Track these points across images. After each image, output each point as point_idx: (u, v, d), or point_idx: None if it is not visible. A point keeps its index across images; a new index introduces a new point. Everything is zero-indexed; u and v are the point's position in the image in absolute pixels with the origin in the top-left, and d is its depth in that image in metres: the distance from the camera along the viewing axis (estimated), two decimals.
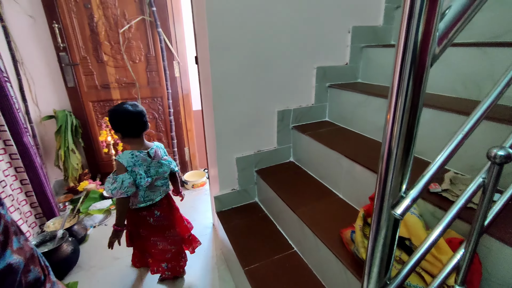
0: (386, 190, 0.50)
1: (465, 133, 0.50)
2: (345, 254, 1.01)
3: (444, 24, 0.42)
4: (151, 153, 1.32)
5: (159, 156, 1.36)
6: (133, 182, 1.25)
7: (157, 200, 1.39)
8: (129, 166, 1.25)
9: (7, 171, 1.64)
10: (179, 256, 1.54)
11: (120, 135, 1.29)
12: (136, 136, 1.31)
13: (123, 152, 1.27)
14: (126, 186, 1.21)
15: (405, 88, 0.42)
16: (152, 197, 1.37)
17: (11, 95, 1.68)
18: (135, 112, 1.26)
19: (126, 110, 1.25)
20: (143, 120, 1.30)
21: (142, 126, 1.30)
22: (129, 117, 1.25)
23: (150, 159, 1.31)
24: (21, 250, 0.58)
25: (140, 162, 1.28)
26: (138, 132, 1.30)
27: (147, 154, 1.31)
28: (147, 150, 1.32)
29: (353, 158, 1.25)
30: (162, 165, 1.37)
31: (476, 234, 0.58)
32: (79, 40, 2.27)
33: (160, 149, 1.39)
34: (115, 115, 1.26)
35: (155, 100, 2.60)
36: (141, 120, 1.29)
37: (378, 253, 0.55)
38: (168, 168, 1.39)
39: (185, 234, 1.51)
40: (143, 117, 1.30)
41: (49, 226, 1.84)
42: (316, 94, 1.72)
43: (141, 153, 1.29)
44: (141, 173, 1.27)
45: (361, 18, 1.69)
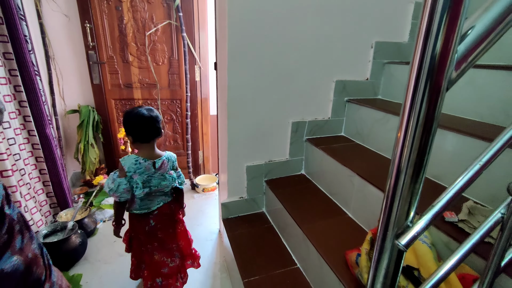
0: (391, 218, 0.47)
1: (483, 163, 0.46)
2: (348, 278, 0.96)
3: (464, 46, 0.39)
4: (157, 164, 1.25)
5: (165, 169, 1.29)
6: (129, 188, 1.20)
7: (153, 208, 1.31)
8: (129, 172, 1.20)
9: (28, 160, 1.72)
10: (177, 274, 1.42)
11: (131, 138, 1.23)
12: (146, 142, 1.23)
13: (128, 156, 1.23)
14: (121, 191, 1.18)
15: (417, 113, 0.39)
16: (149, 205, 1.30)
17: (40, 88, 1.77)
18: (148, 117, 1.20)
19: (139, 113, 1.19)
20: (156, 126, 1.22)
21: (153, 132, 1.23)
22: (141, 121, 1.19)
23: (154, 170, 1.25)
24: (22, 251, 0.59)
25: (142, 171, 1.22)
26: (149, 138, 1.23)
27: (152, 164, 1.24)
28: (154, 159, 1.25)
29: (366, 177, 1.20)
30: (165, 179, 1.29)
31: (491, 274, 0.54)
32: (108, 40, 2.37)
33: (169, 161, 1.31)
34: (128, 118, 1.21)
35: (174, 102, 2.65)
36: (153, 126, 1.22)
37: (378, 284, 0.52)
38: (170, 184, 1.31)
39: (189, 249, 1.46)
40: (156, 123, 1.22)
41: (62, 217, 1.89)
42: (333, 108, 1.69)
43: (146, 162, 1.22)
44: (138, 183, 1.21)
45: (386, 34, 1.65)
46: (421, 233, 0.45)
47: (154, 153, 1.27)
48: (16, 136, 1.60)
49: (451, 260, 0.54)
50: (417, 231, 0.45)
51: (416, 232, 0.45)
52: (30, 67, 1.68)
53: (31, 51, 1.71)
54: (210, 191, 2.67)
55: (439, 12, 0.36)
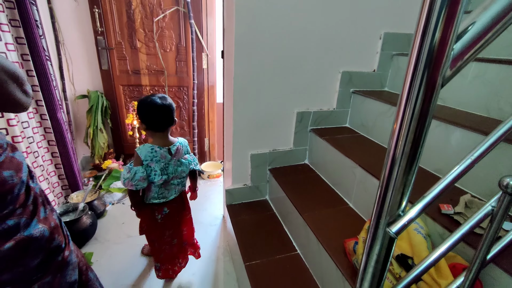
0: (384, 207, 0.50)
1: (475, 158, 0.48)
2: (346, 264, 1.00)
3: (461, 44, 0.40)
4: (172, 150, 1.26)
5: (180, 154, 1.31)
6: (146, 177, 1.21)
7: (170, 198, 1.35)
8: (146, 160, 1.21)
9: (41, 143, 1.78)
10: (174, 259, 1.47)
11: (144, 126, 1.24)
12: (160, 130, 1.25)
13: (144, 145, 1.24)
14: (137, 179, 1.18)
15: (411, 109, 0.41)
16: (166, 194, 1.33)
17: (50, 73, 1.81)
18: (162, 105, 1.20)
19: (153, 102, 1.19)
20: (170, 115, 1.23)
21: (168, 121, 1.24)
22: (156, 110, 1.19)
23: (170, 157, 1.26)
24: (46, 220, 0.65)
25: (158, 158, 1.23)
26: (163, 126, 1.24)
27: (167, 151, 1.25)
28: (168, 146, 1.26)
29: (367, 168, 1.23)
30: (181, 164, 1.31)
31: (477, 264, 0.56)
32: (116, 25, 2.39)
33: (183, 147, 1.33)
34: (142, 106, 1.21)
35: (181, 90, 2.68)
36: (167, 115, 1.22)
37: (370, 268, 0.55)
38: (187, 168, 1.34)
39: (192, 236, 1.52)
40: (170, 112, 1.23)
41: (73, 198, 1.97)
42: (338, 99, 1.69)
43: (162, 149, 1.24)
44: (156, 170, 1.23)
45: (395, 25, 1.62)
46: (412, 222, 0.48)
47: (168, 140, 1.28)
48: (30, 120, 1.66)
49: (440, 248, 0.57)
50: (408, 220, 0.48)
51: (406, 221, 0.48)
52: (41, 52, 1.71)
53: (42, 36, 1.74)
54: (215, 177, 2.73)
55: (437, 10, 0.37)
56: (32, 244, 0.60)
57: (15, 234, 0.58)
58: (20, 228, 0.59)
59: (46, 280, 0.62)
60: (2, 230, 0.56)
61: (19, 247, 0.58)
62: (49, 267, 0.64)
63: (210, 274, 1.63)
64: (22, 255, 0.58)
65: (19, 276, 0.58)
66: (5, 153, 0.59)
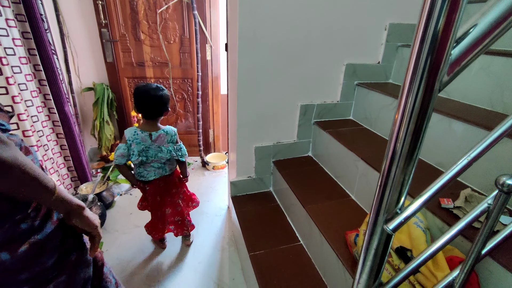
0: (382, 205, 0.52)
1: (471, 159, 0.49)
2: (347, 256, 1.03)
3: (459, 49, 0.41)
4: (153, 136, 1.37)
5: (162, 142, 1.40)
6: (126, 154, 1.36)
7: (150, 179, 1.46)
8: (129, 140, 1.35)
9: (50, 136, 1.82)
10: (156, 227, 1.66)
11: (136, 110, 1.37)
12: (149, 118, 1.36)
13: (131, 127, 1.38)
14: (117, 154, 1.34)
15: (409, 113, 0.42)
16: (145, 175, 1.45)
17: (57, 66, 1.83)
18: (153, 96, 1.29)
19: (146, 91, 1.30)
20: (159, 106, 1.33)
21: (156, 111, 1.35)
22: (146, 99, 1.30)
23: (150, 141, 1.37)
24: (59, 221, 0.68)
25: (139, 141, 1.35)
26: (151, 115, 1.35)
27: (148, 136, 1.36)
28: (151, 131, 1.37)
29: (370, 162, 1.24)
30: (161, 151, 1.41)
31: (472, 259, 0.58)
32: (120, 17, 2.38)
33: (167, 135, 1.41)
34: (136, 92, 1.32)
35: (186, 81, 2.69)
36: (156, 106, 1.32)
37: (368, 262, 0.58)
38: (166, 155, 1.42)
39: (173, 216, 1.62)
40: (159, 103, 1.32)
41: (82, 190, 2.03)
42: (342, 91, 1.69)
43: (143, 133, 1.36)
44: (134, 151, 1.35)
45: (401, 15, 1.60)
46: (408, 219, 0.50)
47: (154, 127, 1.39)
48: (39, 114, 1.70)
49: (438, 242, 0.59)
50: (405, 217, 0.50)
51: (403, 218, 0.50)
52: (47, 46, 1.73)
53: (47, 30, 1.76)
54: (220, 169, 2.77)
55: (435, 18, 0.38)
56: (46, 245, 0.63)
57: (29, 237, 0.60)
58: (34, 231, 0.61)
59: (62, 279, 0.66)
60: (17, 233, 0.58)
61: (34, 249, 0.61)
62: (64, 266, 0.67)
63: (216, 263, 1.69)
64: (38, 256, 0.61)
65: (36, 275, 0.61)
66: None
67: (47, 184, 0.57)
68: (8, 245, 0.57)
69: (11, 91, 1.48)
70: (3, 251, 0.57)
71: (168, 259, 1.70)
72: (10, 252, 0.57)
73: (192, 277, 1.58)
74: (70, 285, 0.68)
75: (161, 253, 1.74)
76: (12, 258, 0.57)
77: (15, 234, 0.58)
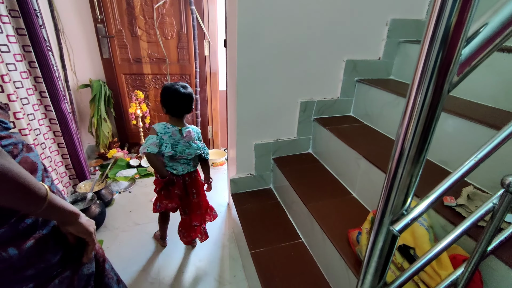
0: (388, 206, 0.51)
1: (478, 160, 0.49)
2: (349, 254, 1.03)
3: (469, 49, 0.40)
4: (183, 132, 1.41)
5: (191, 137, 1.43)
6: (157, 143, 1.35)
7: (181, 173, 1.47)
8: (160, 133, 1.37)
9: (47, 135, 1.80)
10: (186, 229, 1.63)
11: (165, 110, 1.39)
12: (178, 116, 1.41)
13: (159, 123, 1.39)
14: (150, 143, 1.33)
15: (417, 114, 0.41)
16: (176, 168, 1.46)
17: (53, 63, 1.80)
18: (184, 94, 1.35)
19: (177, 90, 1.34)
20: (190, 104, 1.39)
21: (186, 109, 1.40)
22: (178, 98, 1.35)
23: (180, 136, 1.40)
24: None
25: (170, 134, 1.38)
26: (181, 113, 1.40)
27: (178, 131, 1.40)
28: (181, 127, 1.41)
29: (372, 160, 1.24)
30: (190, 147, 1.43)
31: (477, 257, 0.58)
32: (116, 12, 2.34)
33: (194, 133, 1.46)
34: (166, 92, 1.35)
35: (183, 78, 2.66)
36: (187, 103, 1.38)
37: (373, 263, 0.57)
38: (194, 151, 1.44)
39: (192, 222, 1.59)
40: (190, 101, 1.38)
41: (81, 188, 2.02)
42: (342, 88, 1.68)
43: (174, 127, 1.39)
44: (167, 143, 1.37)
45: (402, 10, 1.58)
46: (415, 221, 0.49)
47: (182, 123, 1.44)
48: (35, 112, 1.67)
49: (442, 243, 0.59)
50: (411, 219, 0.50)
51: (410, 220, 0.50)
52: (42, 43, 1.70)
53: (42, 26, 1.72)
54: (219, 165, 2.76)
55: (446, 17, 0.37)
56: (51, 241, 0.63)
57: (34, 232, 0.60)
58: (38, 226, 0.61)
59: (66, 275, 0.66)
60: (22, 228, 0.58)
61: (40, 244, 0.60)
62: (68, 262, 0.67)
63: (216, 260, 1.69)
64: (44, 251, 0.61)
65: (41, 271, 0.61)
66: (21, 153, 0.61)
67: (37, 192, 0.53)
68: (15, 240, 0.57)
69: (6, 89, 1.46)
70: (11, 246, 0.56)
71: (168, 257, 1.70)
72: (17, 247, 0.56)
73: (193, 274, 1.58)
74: (75, 281, 0.68)
75: (161, 251, 1.74)
76: (20, 254, 0.57)
77: (20, 229, 0.58)
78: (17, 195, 0.50)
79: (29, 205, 0.53)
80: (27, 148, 0.64)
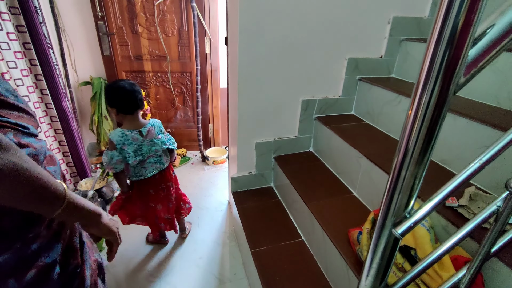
0: (390, 208, 0.51)
1: (483, 162, 0.48)
2: (350, 253, 1.03)
3: (476, 50, 0.40)
4: (144, 132, 1.35)
5: (152, 135, 1.39)
6: (122, 159, 1.31)
7: (148, 176, 1.43)
8: (118, 144, 1.30)
9: (48, 132, 1.80)
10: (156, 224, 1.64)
11: (115, 111, 1.32)
12: (130, 113, 1.34)
13: (114, 130, 1.32)
14: (114, 162, 1.28)
15: (422, 116, 0.41)
16: (144, 173, 1.42)
17: (53, 61, 1.79)
18: (131, 90, 1.29)
19: (122, 86, 1.28)
20: (138, 99, 1.32)
21: (136, 104, 1.33)
22: (124, 94, 1.28)
23: (141, 138, 1.35)
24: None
25: (130, 141, 1.32)
26: (132, 109, 1.33)
27: (138, 133, 1.34)
28: (139, 128, 1.35)
29: (373, 159, 1.23)
30: (155, 144, 1.40)
31: (480, 259, 0.58)
32: (116, 9, 2.33)
33: (155, 127, 1.41)
34: (110, 91, 1.30)
35: (184, 75, 2.65)
36: (135, 99, 1.31)
37: (375, 265, 0.57)
38: (160, 147, 1.42)
39: (164, 214, 1.58)
40: (138, 95, 1.32)
41: (82, 185, 2.02)
42: (344, 86, 1.67)
43: (132, 132, 1.32)
44: (130, 152, 1.32)
45: (404, 8, 1.56)
46: (417, 224, 0.49)
47: (139, 122, 1.37)
48: (36, 110, 1.67)
49: (444, 245, 0.58)
50: (414, 222, 0.49)
51: (412, 223, 0.49)
52: (42, 40, 1.69)
53: (42, 23, 1.71)
54: (220, 163, 2.76)
55: (453, 18, 0.36)
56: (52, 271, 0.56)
57: (36, 259, 0.53)
58: (41, 253, 0.54)
59: None
60: (26, 256, 0.51)
61: (40, 275, 0.53)
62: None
63: (217, 258, 1.69)
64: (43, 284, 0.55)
65: None
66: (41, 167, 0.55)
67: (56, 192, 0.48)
68: (17, 270, 0.50)
69: None
70: (11, 278, 0.49)
71: (169, 255, 1.70)
72: (17, 279, 0.50)
73: (193, 272, 1.59)
74: None
75: (162, 249, 1.74)
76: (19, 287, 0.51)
77: (24, 257, 0.51)
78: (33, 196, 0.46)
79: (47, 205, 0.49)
80: (50, 159, 0.58)
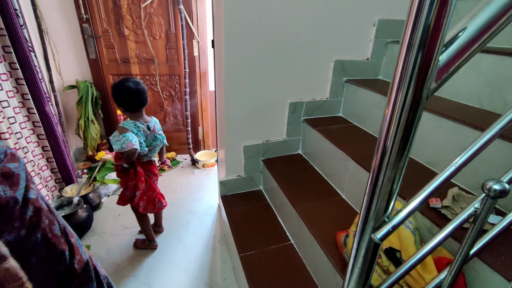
0: (370, 213, 0.51)
1: (458, 166, 0.48)
2: (337, 257, 1.03)
3: (447, 55, 0.40)
4: (150, 126, 1.45)
5: (156, 130, 1.48)
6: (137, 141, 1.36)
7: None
8: (133, 132, 1.36)
9: (30, 138, 1.75)
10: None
11: (122, 109, 1.39)
12: (136, 111, 1.41)
13: (126, 121, 1.38)
14: (136, 141, 1.32)
15: (395, 125, 0.40)
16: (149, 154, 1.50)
17: (35, 65, 1.75)
18: (136, 89, 1.35)
19: (128, 86, 1.33)
20: (143, 97, 1.40)
21: (141, 102, 1.40)
22: (130, 94, 1.34)
23: (148, 132, 1.44)
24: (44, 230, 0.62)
25: (141, 132, 1.40)
26: (138, 107, 1.40)
27: (147, 127, 1.43)
28: (147, 123, 1.44)
29: (359, 161, 1.23)
30: (156, 139, 1.48)
31: (460, 260, 0.58)
32: (102, 12, 2.29)
33: (157, 124, 1.51)
34: (117, 90, 1.35)
35: (173, 78, 2.62)
36: (141, 97, 1.38)
37: (356, 269, 0.57)
38: (161, 143, 1.51)
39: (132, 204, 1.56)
40: (143, 95, 1.39)
41: (67, 192, 1.97)
42: (331, 88, 1.68)
43: (143, 125, 1.41)
44: (142, 142, 1.39)
45: (389, 10, 1.58)
46: (396, 229, 0.49)
47: (144, 119, 1.46)
48: (16, 115, 1.62)
49: (426, 247, 0.58)
50: (392, 226, 0.49)
51: (391, 227, 0.49)
52: (23, 43, 1.65)
53: (23, 26, 1.67)
54: (210, 166, 2.73)
55: (422, 23, 0.36)
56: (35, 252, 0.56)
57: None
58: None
59: None
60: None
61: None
62: None
63: (207, 263, 1.67)
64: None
65: None
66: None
67: None
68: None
69: None
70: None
71: (158, 260, 1.67)
72: None
73: (183, 278, 1.56)
74: None
75: (151, 254, 1.71)
76: None
77: None
78: None
79: None
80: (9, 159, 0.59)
